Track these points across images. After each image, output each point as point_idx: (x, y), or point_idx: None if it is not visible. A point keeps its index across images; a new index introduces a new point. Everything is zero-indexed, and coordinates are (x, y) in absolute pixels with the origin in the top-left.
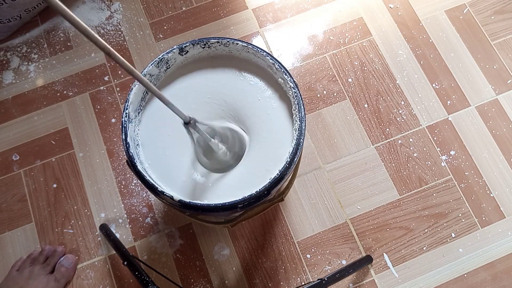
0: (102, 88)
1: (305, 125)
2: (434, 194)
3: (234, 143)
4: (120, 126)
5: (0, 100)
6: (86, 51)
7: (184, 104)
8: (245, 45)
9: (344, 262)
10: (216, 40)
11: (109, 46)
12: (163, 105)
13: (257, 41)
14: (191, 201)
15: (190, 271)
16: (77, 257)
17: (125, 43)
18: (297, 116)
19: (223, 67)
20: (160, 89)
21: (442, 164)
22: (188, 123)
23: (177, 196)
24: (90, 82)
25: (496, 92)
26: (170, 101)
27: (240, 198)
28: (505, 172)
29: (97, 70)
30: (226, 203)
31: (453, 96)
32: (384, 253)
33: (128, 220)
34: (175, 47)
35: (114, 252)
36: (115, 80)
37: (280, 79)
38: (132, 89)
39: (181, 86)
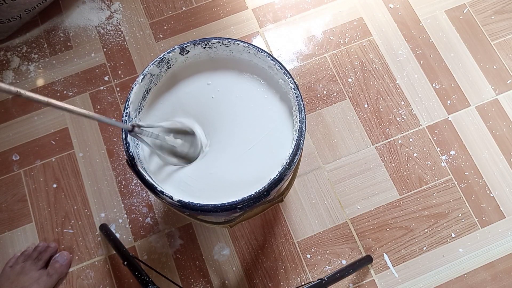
0: (102, 88)
1: (305, 126)
2: (434, 194)
3: (189, 134)
4: None
5: (0, 100)
6: (86, 51)
7: (184, 107)
8: (246, 45)
9: (344, 262)
10: (217, 41)
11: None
12: (163, 105)
13: (257, 41)
14: (190, 201)
15: (190, 271)
16: (71, 255)
17: (125, 43)
18: (297, 117)
19: (224, 69)
20: (162, 92)
21: (442, 164)
22: (132, 131)
23: (176, 196)
24: (90, 82)
25: (496, 92)
26: (103, 118)
27: (239, 198)
28: (505, 172)
29: (97, 70)
30: (225, 203)
31: (453, 96)
32: (384, 253)
33: (128, 220)
34: (176, 46)
35: (114, 252)
36: (115, 80)
37: (280, 80)
38: (132, 88)
39: (182, 89)
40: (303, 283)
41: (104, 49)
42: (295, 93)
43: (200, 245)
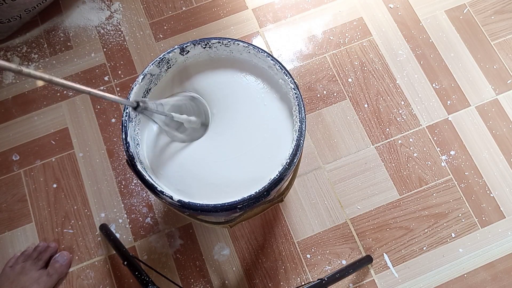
0: (102, 88)
1: (305, 126)
2: (434, 194)
3: (193, 107)
4: (120, 126)
5: (0, 100)
6: (86, 51)
7: (185, 107)
8: (246, 45)
9: (344, 262)
10: (217, 41)
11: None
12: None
13: (257, 41)
14: (190, 201)
15: (190, 271)
16: (71, 255)
17: (125, 43)
18: (297, 117)
19: (224, 69)
20: (162, 92)
21: (442, 164)
22: (137, 108)
23: (176, 196)
24: (90, 82)
25: (496, 92)
26: (106, 94)
27: (239, 198)
28: (505, 172)
29: (97, 70)
30: (225, 203)
31: (453, 96)
32: (384, 253)
33: (128, 220)
34: (176, 46)
35: (114, 252)
36: (115, 80)
37: (280, 80)
38: (132, 88)
39: (183, 90)
40: (303, 283)
41: (104, 49)
42: (295, 93)
43: (200, 245)
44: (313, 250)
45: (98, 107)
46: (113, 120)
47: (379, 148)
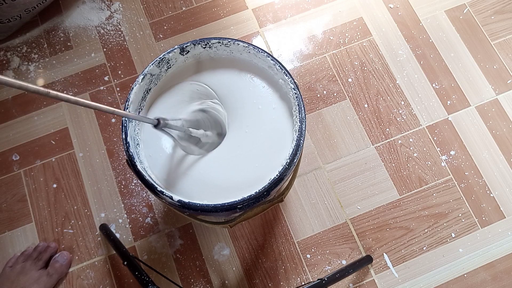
0: (102, 88)
1: (305, 126)
2: (434, 194)
3: (210, 121)
4: (120, 126)
5: (0, 100)
6: (86, 51)
7: (185, 107)
8: (246, 45)
9: (344, 262)
10: (217, 41)
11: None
12: (163, 105)
13: (257, 41)
14: (190, 201)
15: (190, 271)
16: (71, 255)
17: (125, 43)
18: (297, 117)
19: (224, 69)
20: (162, 92)
21: (442, 164)
22: (157, 125)
23: (176, 196)
24: (90, 82)
25: (496, 92)
26: (130, 114)
27: (239, 198)
28: (505, 172)
29: (97, 70)
30: (225, 203)
31: (453, 96)
32: (384, 253)
33: (128, 220)
34: (176, 46)
35: (114, 252)
36: (115, 80)
37: (280, 80)
38: (132, 88)
39: (182, 89)
40: (303, 283)
41: (104, 49)
42: (295, 93)
43: (200, 245)
44: (313, 250)
45: None
46: (113, 120)
47: (379, 148)
